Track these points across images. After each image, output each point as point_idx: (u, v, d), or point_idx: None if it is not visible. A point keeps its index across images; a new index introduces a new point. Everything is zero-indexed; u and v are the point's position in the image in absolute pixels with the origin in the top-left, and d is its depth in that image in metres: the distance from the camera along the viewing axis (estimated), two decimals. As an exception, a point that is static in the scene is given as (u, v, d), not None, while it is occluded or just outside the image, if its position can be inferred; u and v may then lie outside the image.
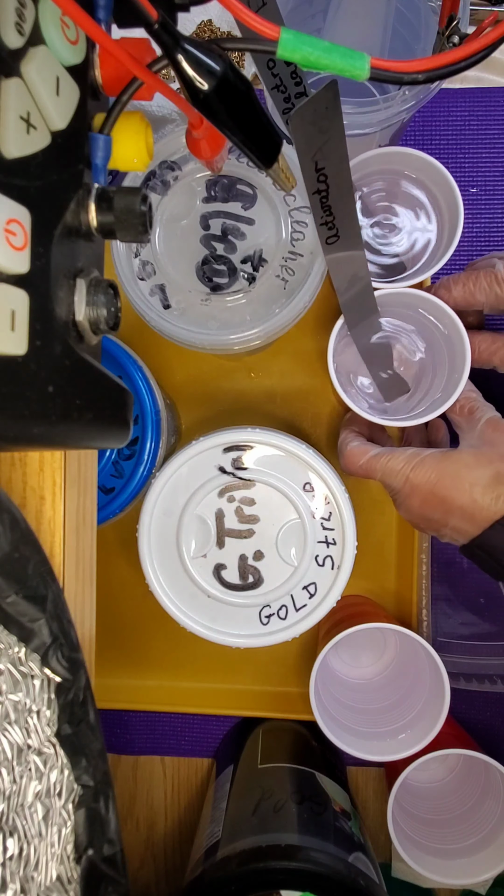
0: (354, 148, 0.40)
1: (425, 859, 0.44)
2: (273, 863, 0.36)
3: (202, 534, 0.39)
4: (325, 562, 0.38)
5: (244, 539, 0.39)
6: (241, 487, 0.38)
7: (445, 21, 0.28)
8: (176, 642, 0.52)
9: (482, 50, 0.21)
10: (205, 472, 0.38)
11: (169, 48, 0.18)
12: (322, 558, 0.38)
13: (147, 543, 0.38)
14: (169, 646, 0.52)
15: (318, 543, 0.38)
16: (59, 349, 0.19)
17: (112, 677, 0.52)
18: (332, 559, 0.38)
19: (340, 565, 0.38)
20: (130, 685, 0.52)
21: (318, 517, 0.38)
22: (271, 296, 0.39)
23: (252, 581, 0.38)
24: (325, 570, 0.38)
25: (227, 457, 0.38)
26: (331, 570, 0.38)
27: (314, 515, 0.38)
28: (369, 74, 0.19)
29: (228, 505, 0.39)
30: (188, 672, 0.52)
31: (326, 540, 0.38)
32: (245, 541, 0.39)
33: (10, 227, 0.17)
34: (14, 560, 0.23)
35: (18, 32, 0.17)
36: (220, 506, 0.39)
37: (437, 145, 0.50)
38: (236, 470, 0.38)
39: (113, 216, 0.21)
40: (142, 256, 0.40)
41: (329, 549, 0.38)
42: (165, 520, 0.39)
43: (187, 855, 0.46)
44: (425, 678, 0.45)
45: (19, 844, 0.22)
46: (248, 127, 0.21)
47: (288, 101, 0.31)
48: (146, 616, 0.52)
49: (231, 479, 0.38)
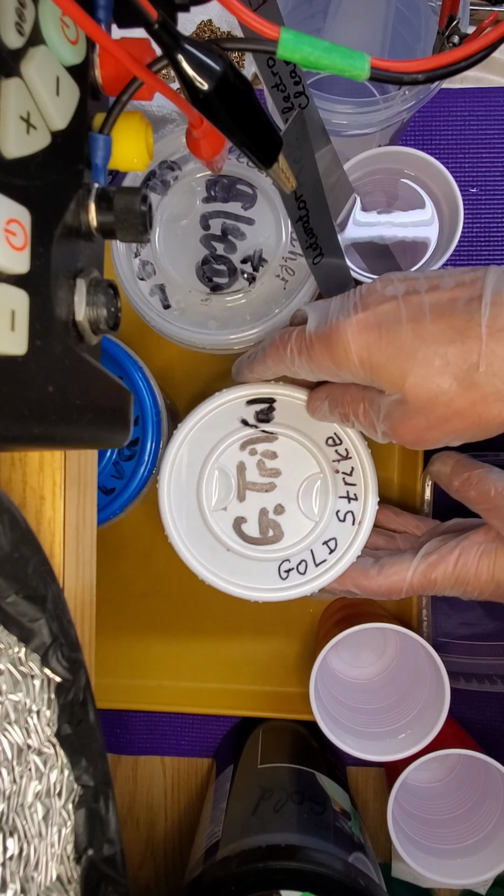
0: (354, 148, 0.41)
1: (425, 859, 0.44)
2: (273, 863, 0.36)
3: (223, 486, 0.38)
4: (346, 517, 0.38)
5: (265, 493, 0.38)
6: (263, 440, 0.38)
7: (445, 21, 0.28)
8: (176, 642, 0.52)
9: (482, 50, 0.21)
10: (227, 424, 0.38)
11: (169, 48, 0.18)
12: (343, 514, 0.38)
13: (167, 494, 0.38)
14: (169, 646, 0.52)
15: (340, 499, 0.38)
16: (59, 349, 0.19)
17: (112, 677, 0.52)
18: (352, 515, 0.38)
19: (361, 521, 0.38)
20: (130, 685, 0.52)
21: (341, 472, 0.38)
22: (271, 296, 0.39)
23: (272, 535, 0.38)
24: (346, 525, 0.38)
25: (250, 409, 0.38)
26: (351, 525, 0.38)
27: (337, 470, 0.38)
28: (369, 74, 0.19)
29: (250, 458, 0.38)
30: (188, 672, 0.52)
31: (348, 495, 0.38)
32: (266, 494, 0.38)
33: (10, 227, 0.17)
34: (14, 560, 0.23)
35: (18, 32, 0.17)
36: (241, 459, 0.38)
37: (437, 145, 0.50)
38: (259, 423, 0.38)
39: (113, 216, 0.21)
40: (142, 256, 0.40)
41: (350, 504, 0.38)
42: (187, 471, 0.38)
43: (187, 855, 0.46)
44: (425, 678, 0.45)
45: (19, 844, 0.22)
46: (248, 127, 0.21)
47: (287, 101, 0.31)
48: (146, 616, 0.52)
49: (254, 432, 0.38)
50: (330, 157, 0.33)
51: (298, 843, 0.38)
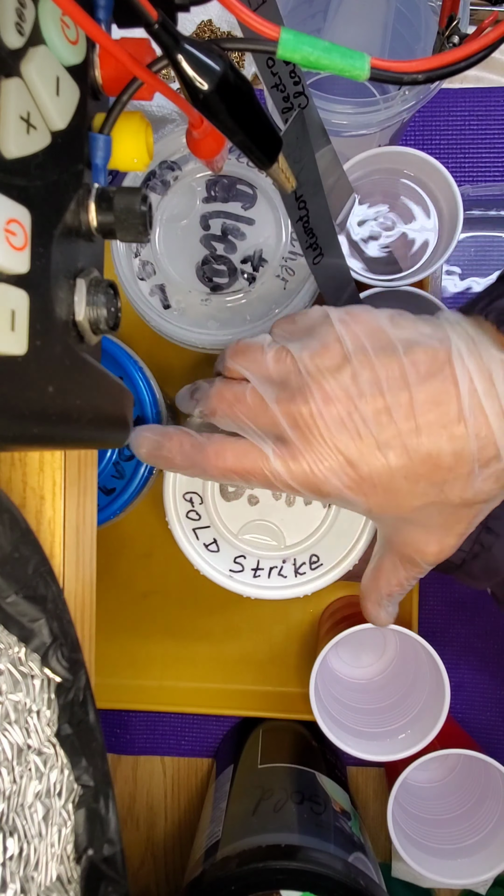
0: (354, 148, 0.41)
1: (425, 859, 0.44)
2: (273, 863, 0.36)
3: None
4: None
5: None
6: None
7: (445, 21, 0.28)
8: (176, 642, 0.52)
9: (482, 50, 0.21)
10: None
11: (169, 48, 0.18)
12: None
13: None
14: (169, 646, 0.52)
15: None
16: (59, 349, 0.19)
17: (112, 677, 0.52)
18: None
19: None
20: (130, 685, 0.52)
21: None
22: (271, 296, 0.39)
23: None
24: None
25: None
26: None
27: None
28: (369, 74, 0.19)
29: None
30: (188, 672, 0.52)
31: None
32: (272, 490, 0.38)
33: (10, 227, 0.17)
34: (14, 560, 0.23)
35: (18, 32, 0.17)
36: None
37: (437, 145, 0.50)
38: None
39: (113, 216, 0.21)
40: (142, 256, 0.40)
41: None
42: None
43: (187, 855, 0.46)
44: (425, 678, 0.45)
45: (19, 844, 0.22)
46: (248, 127, 0.21)
47: (287, 101, 0.31)
48: (146, 616, 0.52)
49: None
50: (330, 157, 0.33)
51: (298, 843, 0.38)
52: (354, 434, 0.26)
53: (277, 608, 0.52)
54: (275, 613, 0.52)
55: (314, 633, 0.52)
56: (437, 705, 0.42)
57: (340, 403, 0.26)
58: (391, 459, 0.26)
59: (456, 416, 0.26)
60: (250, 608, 0.52)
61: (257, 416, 0.28)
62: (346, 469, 0.27)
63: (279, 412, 0.27)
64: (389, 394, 0.26)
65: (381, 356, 0.27)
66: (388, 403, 0.26)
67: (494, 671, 0.51)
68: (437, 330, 0.27)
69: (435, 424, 0.26)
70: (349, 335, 0.27)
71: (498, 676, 0.51)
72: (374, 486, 0.27)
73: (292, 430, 0.27)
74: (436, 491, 0.27)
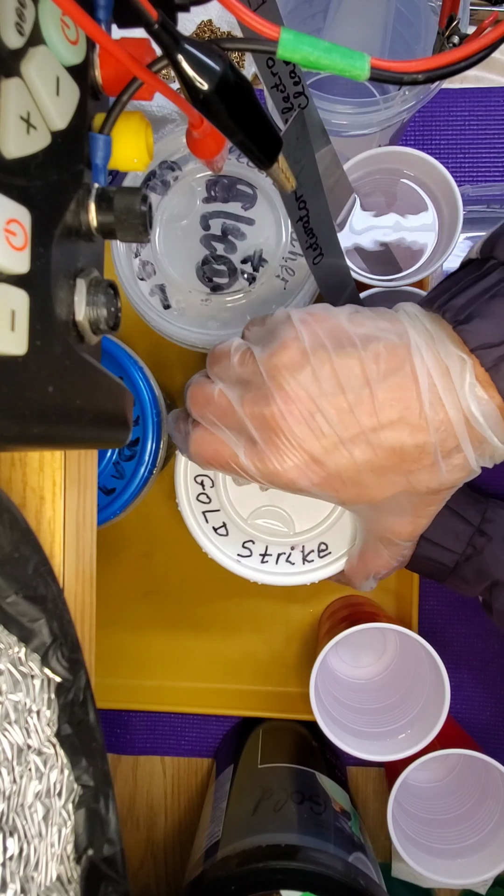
0: (354, 148, 0.41)
1: (425, 859, 0.44)
2: (273, 863, 0.36)
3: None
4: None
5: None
6: None
7: (445, 21, 0.28)
8: (176, 642, 0.52)
9: (482, 50, 0.21)
10: None
11: (169, 48, 0.18)
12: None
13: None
14: (169, 646, 0.52)
15: None
16: (59, 349, 0.19)
17: (112, 677, 0.52)
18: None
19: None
20: (130, 685, 0.52)
21: None
22: (271, 296, 0.39)
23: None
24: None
25: None
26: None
27: None
28: (369, 74, 0.19)
29: None
30: (188, 672, 0.52)
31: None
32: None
33: (10, 227, 0.17)
34: (14, 560, 0.23)
35: (18, 32, 0.17)
36: None
37: (437, 145, 0.50)
38: None
39: (113, 216, 0.21)
40: (142, 256, 0.40)
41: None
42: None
43: (187, 855, 0.46)
44: (425, 678, 0.45)
45: (19, 844, 0.22)
46: (248, 127, 0.21)
47: (287, 101, 0.31)
48: (146, 616, 0.52)
49: None
50: (330, 157, 0.33)
51: (298, 843, 0.38)
52: (318, 432, 0.27)
53: (278, 608, 0.52)
54: (275, 613, 0.52)
55: (314, 633, 0.52)
56: (437, 705, 0.42)
57: (302, 403, 0.27)
58: (356, 455, 0.27)
59: (417, 412, 0.26)
60: (251, 608, 0.52)
61: (226, 417, 0.29)
62: (313, 466, 0.28)
63: (244, 414, 0.28)
64: (350, 391, 0.27)
65: (340, 353, 0.27)
66: (349, 401, 0.27)
67: (494, 671, 0.51)
68: (396, 324, 0.28)
69: (397, 420, 0.27)
70: (308, 333, 0.28)
71: (498, 676, 0.51)
72: (342, 481, 0.28)
73: (258, 431, 0.28)
74: (403, 481, 0.28)
